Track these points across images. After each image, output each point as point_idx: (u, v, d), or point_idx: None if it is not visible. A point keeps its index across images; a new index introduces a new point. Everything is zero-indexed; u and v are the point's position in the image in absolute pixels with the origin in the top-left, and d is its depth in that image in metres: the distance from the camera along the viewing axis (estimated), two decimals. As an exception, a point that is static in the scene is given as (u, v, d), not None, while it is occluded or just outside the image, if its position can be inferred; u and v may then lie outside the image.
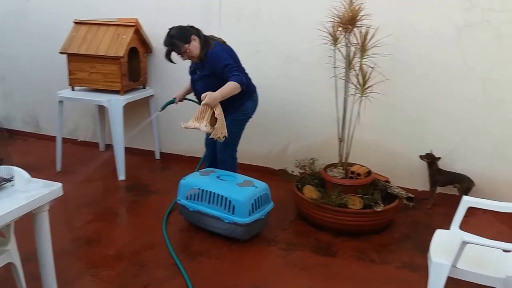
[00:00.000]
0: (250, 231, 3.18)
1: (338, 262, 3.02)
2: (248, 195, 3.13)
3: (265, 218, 3.27)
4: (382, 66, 3.50)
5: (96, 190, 4.08)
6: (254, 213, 3.14)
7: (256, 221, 3.15)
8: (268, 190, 3.32)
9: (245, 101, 3.46)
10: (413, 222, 3.57)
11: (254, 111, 3.59)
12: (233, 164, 3.65)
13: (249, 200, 3.12)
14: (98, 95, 4.24)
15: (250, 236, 3.21)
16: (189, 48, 3.29)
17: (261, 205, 3.21)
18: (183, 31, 3.32)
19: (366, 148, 3.97)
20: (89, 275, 2.81)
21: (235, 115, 3.43)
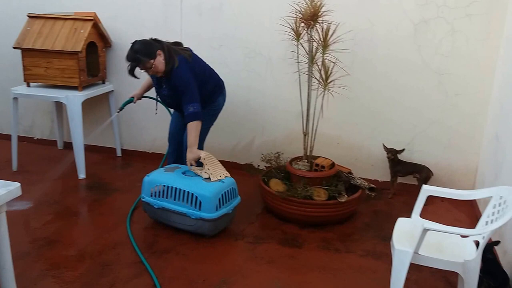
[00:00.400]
0: (217, 226, 3.20)
1: (305, 253, 3.09)
2: (214, 190, 3.14)
3: (232, 213, 3.30)
4: (343, 61, 3.61)
5: (56, 190, 3.97)
6: (221, 208, 3.16)
7: (223, 216, 3.17)
8: (235, 184, 3.34)
9: (216, 97, 3.50)
10: (374, 211, 3.71)
11: (224, 104, 3.63)
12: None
13: (216, 195, 3.13)
14: (55, 91, 4.13)
15: (218, 231, 3.23)
16: (155, 64, 3.19)
17: (228, 200, 3.23)
18: (148, 46, 3.21)
19: (329, 141, 4.08)
20: (50, 277, 2.75)
21: (206, 110, 3.42)
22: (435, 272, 2.83)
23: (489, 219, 2.36)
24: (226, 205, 3.22)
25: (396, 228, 2.53)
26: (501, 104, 3.44)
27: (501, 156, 3.21)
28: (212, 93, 3.45)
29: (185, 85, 3.21)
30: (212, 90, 3.47)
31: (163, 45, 3.24)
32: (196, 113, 3.19)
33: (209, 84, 3.45)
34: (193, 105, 3.19)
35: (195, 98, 3.20)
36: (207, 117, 3.46)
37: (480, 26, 3.63)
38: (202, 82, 3.36)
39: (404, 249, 2.28)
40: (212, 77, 3.51)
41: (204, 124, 3.40)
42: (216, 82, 3.53)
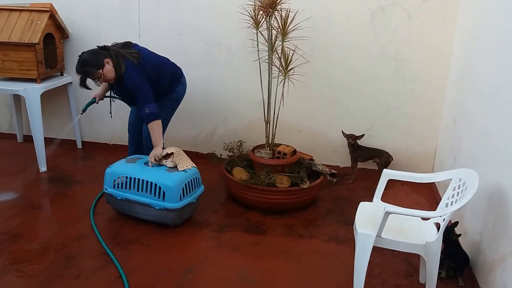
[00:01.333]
0: (182, 215, 3.09)
1: (269, 239, 3.01)
2: (178, 180, 3.02)
3: (196, 202, 3.19)
4: (302, 49, 3.52)
5: (16, 183, 3.76)
6: (185, 197, 3.05)
7: (187, 205, 3.07)
8: (198, 174, 3.23)
9: (175, 87, 3.38)
10: (336, 197, 3.66)
11: (185, 92, 3.51)
12: None
13: (180, 185, 3.01)
14: (13, 84, 3.90)
15: (182, 220, 3.12)
16: (104, 73, 3.08)
17: (191, 189, 3.12)
18: (95, 56, 3.08)
19: (290, 129, 3.99)
20: (14, 271, 2.61)
21: (164, 100, 3.33)
22: (397, 255, 2.80)
23: (449, 201, 2.33)
24: (190, 194, 3.11)
25: (358, 212, 2.47)
26: (457, 88, 3.43)
27: (458, 140, 3.20)
28: (170, 84, 3.34)
29: (136, 89, 3.10)
30: (169, 81, 3.35)
31: (110, 52, 3.10)
32: (152, 113, 3.10)
33: (166, 77, 3.34)
34: (148, 106, 3.09)
35: (148, 99, 3.11)
36: (167, 107, 3.36)
37: (435, 12, 3.59)
38: (157, 78, 3.26)
39: (367, 232, 2.23)
40: (168, 69, 3.37)
41: (164, 114, 3.30)
42: (173, 72, 3.41)
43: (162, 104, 3.31)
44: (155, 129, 3.12)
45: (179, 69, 3.47)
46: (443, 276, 2.56)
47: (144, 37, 4.09)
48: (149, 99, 3.11)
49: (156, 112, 3.11)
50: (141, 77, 3.12)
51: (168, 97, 3.35)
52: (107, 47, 3.15)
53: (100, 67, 3.06)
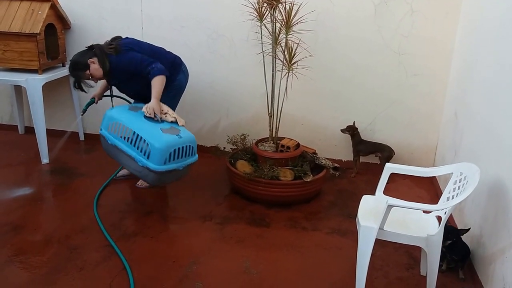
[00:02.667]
0: (163, 179, 3.04)
1: (272, 232, 3.11)
2: (167, 143, 2.94)
3: (183, 170, 3.10)
4: (306, 42, 3.59)
5: (19, 175, 3.84)
6: (170, 162, 2.96)
7: (171, 171, 2.98)
8: (195, 143, 3.14)
9: (176, 75, 3.43)
10: (339, 190, 3.75)
11: (187, 81, 3.57)
12: None
13: (168, 148, 2.93)
14: (14, 75, 3.96)
15: (162, 184, 3.09)
16: (91, 73, 3.24)
17: (182, 156, 3.03)
18: (80, 58, 3.25)
19: (294, 122, 4.08)
20: (17, 262, 2.67)
21: (167, 91, 3.37)
22: (399, 248, 2.90)
23: (450, 195, 2.42)
24: (178, 161, 3.01)
25: (361, 205, 2.56)
26: (459, 82, 3.52)
27: (459, 134, 3.29)
28: (170, 72, 3.35)
29: (133, 63, 3.19)
30: (168, 69, 3.35)
31: (95, 51, 3.23)
32: (159, 68, 3.14)
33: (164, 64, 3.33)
34: (154, 64, 3.15)
35: (151, 61, 3.16)
36: (170, 98, 3.41)
37: (438, 6, 3.67)
38: None
39: (370, 225, 2.31)
40: (165, 57, 3.41)
41: (168, 104, 3.35)
42: (171, 60, 3.44)
43: (165, 95, 3.34)
44: (158, 83, 3.14)
45: (177, 58, 3.51)
46: (444, 269, 2.66)
47: (147, 29, 4.16)
48: (151, 61, 3.16)
49: (163, 69, 3.16)
50: (129, 54, 3.21)
51: (170, 87, 3.39)
52: (93, 46, 3.27)
53: (86, 68, 3.22)
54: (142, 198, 3.53)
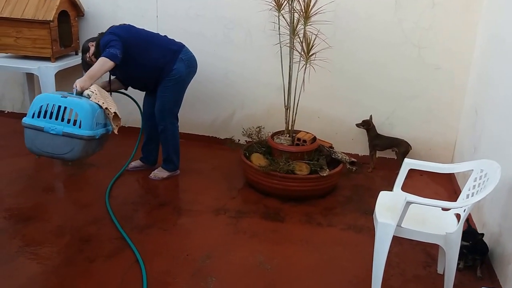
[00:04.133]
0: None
1: (287, 226, 3.15)
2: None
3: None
4: (325, 34, 3.60)
5: (30, 165, 3.90)
6: (40, 118, 2.93)
7: (40, 134, 2.94)
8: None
9: (172, 64, 3.40)
10: (355, 185, 3.79)
11: (190, 72, 3.53)
12: (174, 132, 3.62)
13: (93, 110, 2.96)
14: (26, 63, 4.04)
15: (29, 146, 3.09)
16: (90, 56, 3.38)
17: (60, 118, 2.93)
18: (85, 42, 3.45)
19: (310, 115, 4.11)
20: (28, 253, 2.72)
21: (166, 81, 3.41)
22: (416, 245, 2.93)
23: (470, 192, 2.44)
24: (52, 122, 2.94)
25: (378, 202, 2.59)
26: (480, 77, 3.52)
27: (479, 130, 3.30)
28: (163, 61, 3.39)
29: (102, 45, 3.24)
30: (161, 56, 3.39)
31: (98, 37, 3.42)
32: (110, 52, 3.16)
33: (155, 49, 3.40)
34: (111, 49, 3.17)
35: (111, 45, 3.19)
36: (170, 89, 3.44)
37: (459, 0, 3.67)
38: (141, 49, 3.36)
39: (387, 222, 2.34)
40: (157, 44, 3.43)
41: (170, 97, 3.43)
42: (165, 46, 3.44)
43: (165, 85, 3.41)
44: (100, 63, 3.15)
45: (176, 45, 3.48)
46: (461, 267, 2.69)
47: (162, 17, 4.19)
48: (112, 46, 3.18)
49: (114, 55, 3.15)
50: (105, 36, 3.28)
51: (169, 77, 3.40)
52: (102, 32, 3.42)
53: (86, 51, 3.39)
54: (155, 190, 3.58)
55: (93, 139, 3.00)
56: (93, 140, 3.01)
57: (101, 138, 3.09)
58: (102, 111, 3.05)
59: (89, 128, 2.94)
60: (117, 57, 3.17)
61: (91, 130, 2.95)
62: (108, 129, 3.13)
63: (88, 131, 2.94)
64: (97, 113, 3.00)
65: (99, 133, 3.03)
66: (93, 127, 2.96)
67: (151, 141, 3.77)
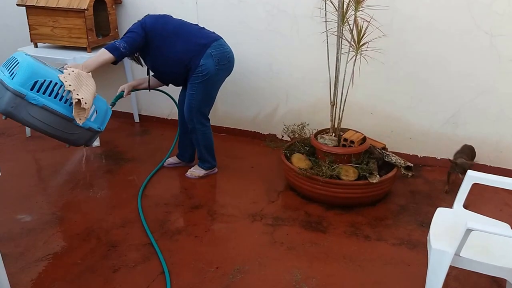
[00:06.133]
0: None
1: (329, 239, 2.84)
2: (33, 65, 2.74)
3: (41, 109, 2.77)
4: (379, 20, 3.20)
5: (67, 158, 3.84)
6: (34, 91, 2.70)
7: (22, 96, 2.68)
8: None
9: (197, 59, 3.14)
10: (411, 191, 3.38)
11: (221, 69, 3.23)
12: (205, 134, 3.38)
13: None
14: (62, 53, 3.94)
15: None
16: None
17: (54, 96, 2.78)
18: None
19: (360, 111, 3.72)
20: (52, 258, 2.63)
21: (193, 77, 3.19)
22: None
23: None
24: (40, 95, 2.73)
25: (434, 220, 2.23)
26: None
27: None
28: (188, 55, 3.15)
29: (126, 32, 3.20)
30: (184, 51, 3.16)
31: None
32: (112, 45, 3.07)
33: (178, 44, 3.17)
34: (117, 41, 3.10)
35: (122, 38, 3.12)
36: (196, 86, 3.20)
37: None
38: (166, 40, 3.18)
39: (443, 248, 2.00)
40: (185, 37, 3.19)
41: (199, 96, 3.22)
42: (192, 40, 3.18)
43: (192, 82, 3.20)
44: (97, 54, 3.09)
45: (207, 38, 3.20)
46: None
47: (202, 4, 3.94)
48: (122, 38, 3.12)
49: (116, 48, 3.05)
50: (135, 25, 3.18)
51: (196, 73, 3.16)
52: None
53: None
54: (190, 189, 3.39)
55: (20, 97, 2.67)
56: (21, 99, 2.68)
57: (45, 109, 2.76)
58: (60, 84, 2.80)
59: (19, 83, 2.66)
60: (117, 50, 3.04)
61: (20, 85, 2.66)
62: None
63: (15, 84, 2.65)
64: (40, 76, 2.72)
65: (32, 96, 2.70)
66: (25, 85, 2.67)
67: (185, 137, 3.57)
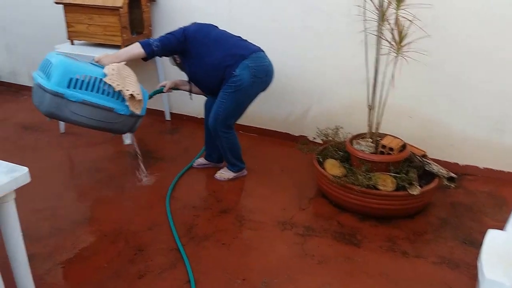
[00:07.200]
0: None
1: (364, 253, 2.51)
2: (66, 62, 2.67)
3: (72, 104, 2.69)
4: (422, 19, 2.82)
5: (99, 156, 3.64)
6: (70, 88, 2.63)
7: (61, 95, 2.62)
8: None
9: (233, 68, 2.90)
10: (453, 204, 2.99)
11: (256, 82, 2.97)
12: (229, 139, 3.11)
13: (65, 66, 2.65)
14: (97, 50, 3.71)
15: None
16: None
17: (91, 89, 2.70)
18: None
19: (399, 115, 3.35)
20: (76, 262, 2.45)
21: (226, 86, 2.95)
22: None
23: None
24: (77, 91, 2.65)
25: (485, 245, 1.86)
26: None
27: None
28: (225, 64, 2.91)
29: None
30: (221, 59, 2.92)
31: None
32: (146, 40, 2.96)
33: (217, 52, 2.96)
34: (153, 39, 2.97)
35: (161, 37, 2.99)
36: (227, 95, 2.96)
37: None
38: (204, 47, 2.98)
39: (499, 280, 1.64)
40: (222, 44, 2.98)
41: (224, 101, 2.96)
42: (230, 50, 2.95)
43: (224, 91, 2.96)
44: (130, 47, 2.98)
45: (246, 49, 2.96)
46: None
47: (235, 1, 3.64)
48: (161, 39, 2.97)
49: (150, 44, 2.93)
50: (177, 29, 3.03)
51: (229, 82, 2.92)
52: None
53: None
54: (218, 192, 3.13)
55: (60, 97, 2.62)
56: (61, 98, 2.62)
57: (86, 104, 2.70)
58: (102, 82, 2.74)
59: (56, 83, 2.60)
60: (149, 47, 2.92)
61: (57, 85, 2.60)
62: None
63: (52, 84, 2.60)
64: (73, 72, 2.64)
65: (70, 94, 2.63)
66: (62, 84, 2.61)
67: (210, 137, 3.28)
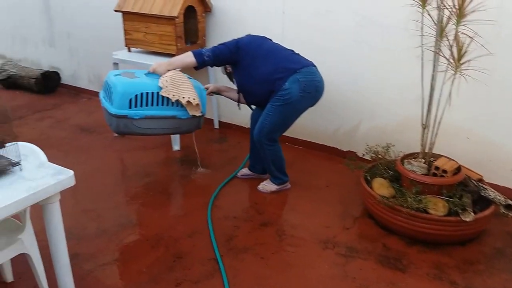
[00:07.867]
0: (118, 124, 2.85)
1: (409, 280, 2.29)
2: (128, 85, 2.82)
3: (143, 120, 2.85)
4: (484, 36, 2.57)
5: (148, 161, 3.61)
6: (132, 108, 2.80)
7: (125, 116, 2.80)
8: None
9: (282, 82, 2.77)
10: (508, 233, 2.70)
11: (305, 97, 2.83)
12: (272, 151, 2.97)
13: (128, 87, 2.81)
14: (152, 58, 3.71)
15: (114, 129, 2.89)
16: None
17: (148, 103, 2.83)
18: None
19: (455, 134, 3.07)
20: (116, 266, 2.41)
21: (274, 99, 2.82)
22: None
23: None
24: (141, 108, 2.82)
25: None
26: None
27: None
28: (275, 77, 2.80)
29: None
30: (271, 71, 2.81)
31: None
32: (199, 50, 2.93)
33: (268, 64, 2.85)
34: (206, 49, 2.93)
35: (213, 48, 2.92)
36: (274, 108, 2.83)
37: None
38: (255, 59, 2.90)
39: None
40: (274, 57, 2.88)
41: (271, 114, 2.84)
42: (281, 63, 2.83)
43: (272, 103, 2.84)
44: (184, 55, 2.96)
45: (298, 63, 2.84)
46: None
47: (288, 13, 3.51)
48: (214, 49, 2.92)
49: (200, 54, 2.89)
50: (231, 40, 2.98)
51: (278, 96, 2.79)
52: None
53: None
54: (260, 204, 2.99)
55: (124, 118, 2.82)
56: (126, 118, 2.82)
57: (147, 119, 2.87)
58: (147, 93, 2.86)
59: (117, 107, 2.79)
60: (201, 56, 2.88)
61: (119, 108, 2.79)
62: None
63: (114, 109, 2.80)
64: (131, 93, 2.79)
65: (133, 113, 2.82)
66: (123, 106, 2.79)
67: (255, 148, 3.14)
